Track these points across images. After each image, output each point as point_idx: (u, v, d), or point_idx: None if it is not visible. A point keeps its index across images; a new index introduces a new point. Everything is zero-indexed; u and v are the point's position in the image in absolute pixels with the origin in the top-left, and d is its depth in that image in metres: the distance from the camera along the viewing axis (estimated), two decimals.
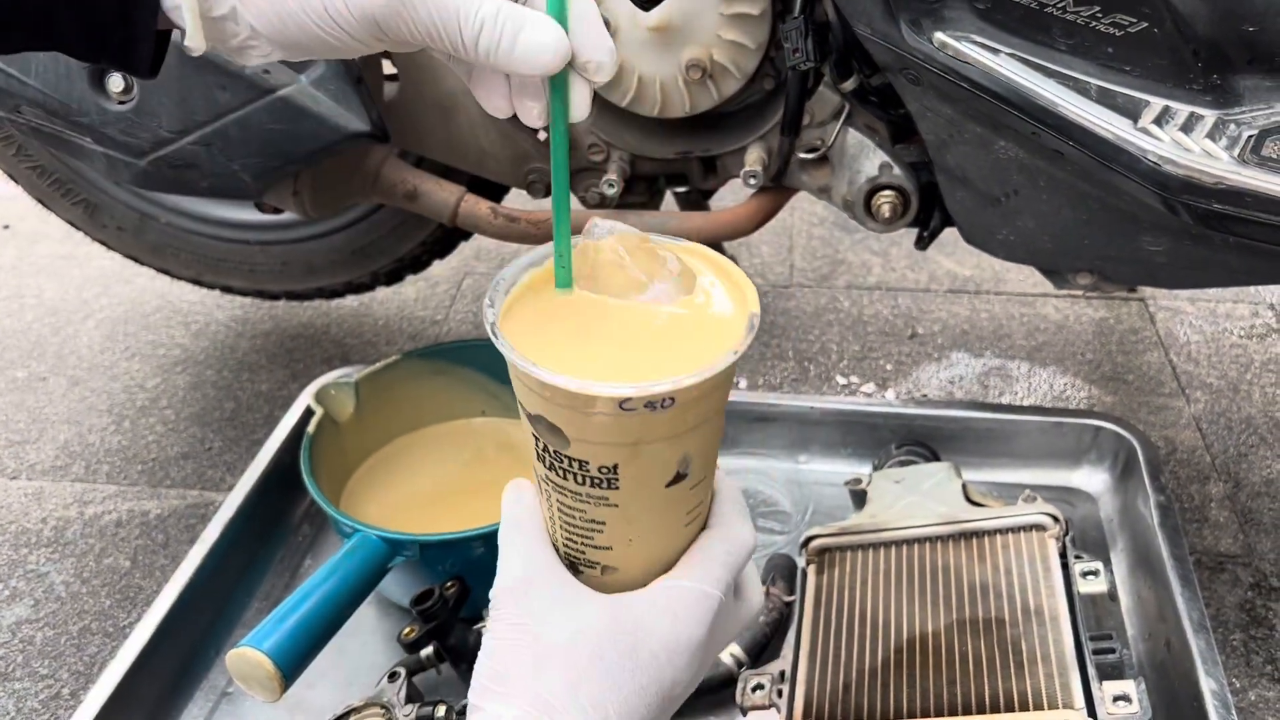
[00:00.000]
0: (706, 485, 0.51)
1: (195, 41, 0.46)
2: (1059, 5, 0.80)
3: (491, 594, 0.50)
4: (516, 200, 1.23)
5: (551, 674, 0.46)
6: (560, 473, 0.47)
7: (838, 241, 1.69)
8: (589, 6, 0.45)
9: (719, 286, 0.49)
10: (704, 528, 0.52)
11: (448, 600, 0.88)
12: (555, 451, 0.47)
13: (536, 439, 0.47)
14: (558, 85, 0.45)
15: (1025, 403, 1.31)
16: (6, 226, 1.83)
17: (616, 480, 0.47)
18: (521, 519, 0.51)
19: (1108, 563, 1.02)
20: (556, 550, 0.51)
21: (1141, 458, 1.05)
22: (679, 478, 0.48)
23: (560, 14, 0.44)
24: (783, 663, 0.86)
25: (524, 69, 0.44)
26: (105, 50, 0.47)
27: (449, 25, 0.43)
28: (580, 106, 0.46)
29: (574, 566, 0.51)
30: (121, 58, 0.47)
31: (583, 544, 0.50)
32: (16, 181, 1.33)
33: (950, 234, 1.04)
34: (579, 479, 0.47)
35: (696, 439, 0.47)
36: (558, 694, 0.45)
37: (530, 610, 0.48)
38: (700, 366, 0.43)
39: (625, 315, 0.47)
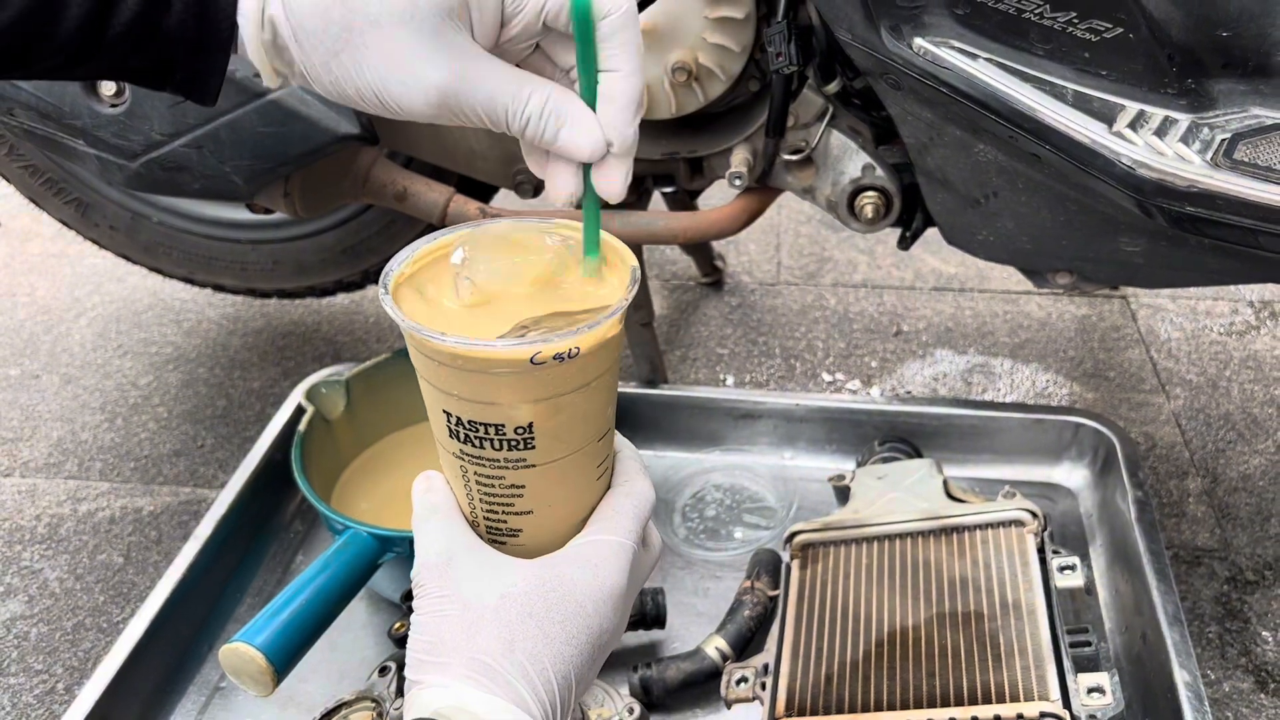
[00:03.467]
0: (610, 439, 0.53)
1: (270, 83, 0.50)
2: (1036, 11, 0.81)
3: (413, 574, 0.51)
4: (505, 200, 1.24)
5: (484, 636, 0.48)
6: (476, 442, 0.49)
7: (824, 240, 1.70)
8: (618, 86, 0.48)
9: (600, 252, 0.52)
10: (609, 486, 0.55)
11: None
12: (470, 422, 0.48)
13: (448, 415, 0.49)
14: (589, 169, 0.49)
15: (1008, 399, 1.33)
16: None
17: (533, 440, 0.49)
18: (436, 504, 0.53)
19: (1086, 557, 1.04)
20: (477, 528, 0.53)
21: (1120, 454, 1.06)
22: (589, 430, 0.50)
23: (591, 95, 0.48)
24: (766, 656, 0.88)
25: (565, 157, 0.49)
26: (171, 81, 0.51)
27: (498, 120, 0.48)
28: (608, 185, 0.50)
29: (495, 541, 0.53)
30: (188, 90, 0.51)
31: (504, 513, 0.52)
32: (9, 181, 1.34)
33: (935, 232, 1.06)
34: (495, 444, 0.49)
35: (601, 389, 0.50)
36: (493, 654, 0.47)
37: (455, 580, 0.50)
38: (597, 316, 0.47)
39: (511, 289, 0.50)
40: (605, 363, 0.49)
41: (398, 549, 0.91)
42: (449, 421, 0.49)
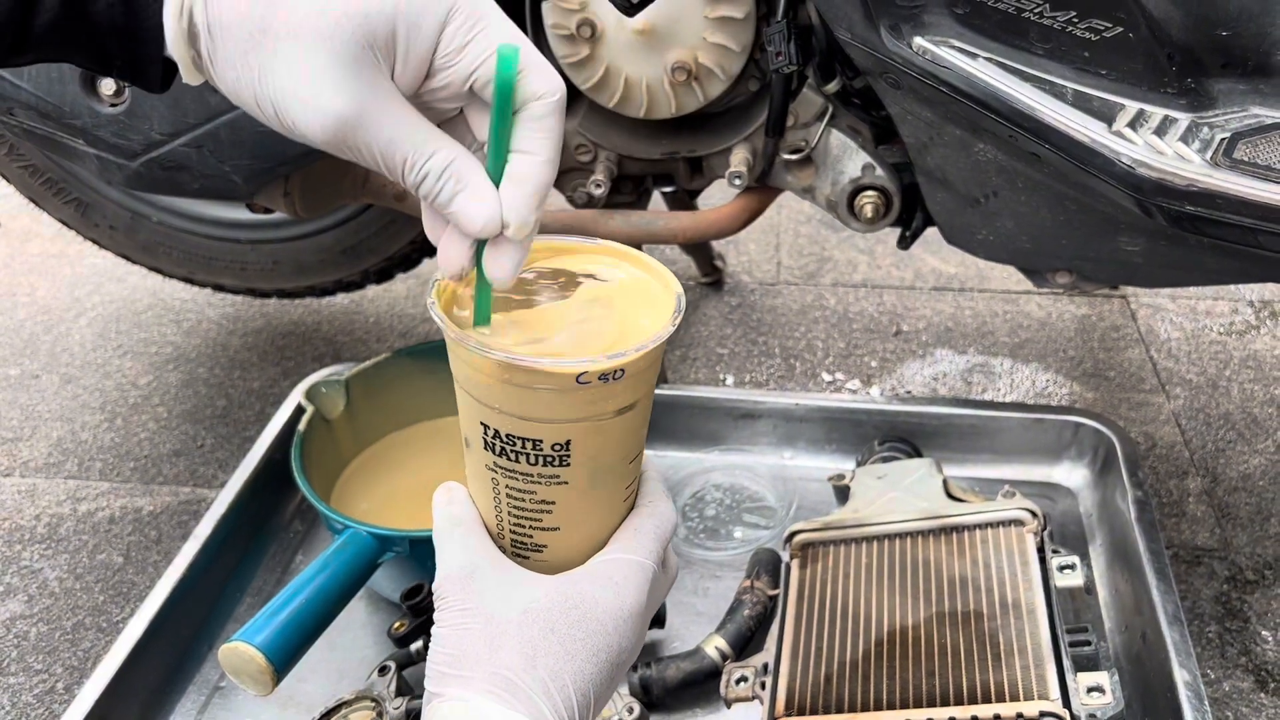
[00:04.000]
0: (640, 461, 0.54)
1: (189, 79, 0.48)
2: (1036, 10, 0.81)
3: (435, 585, 0.51)
4: None
5: (507, 650, 0.47)
6: (512, 456, 0.49)
7: (824, 239, 1.71)
8: (529, 169, 0.46)
9: (644, 277, 0.52)
10: (633, 506, 0.55)
11: None
12: (507, 435, 0.48)
13: (485, 426, 0.49)
14: (483, 246, 0.47)
15: (1008, 399, 1.33)
16: None
17: (569, 457, 0.49)
18: (459, 515, 0.53)
19: (1086, 557, 1.04)
20: (501, 541, 0.53)
21: (1120, 453, 1.06)
22: (623, 450, 0.51)
23: (497, 171, 0.46)
24: (766, 655, 0.88)
25: (458, 225, 0.46)
26: (114, 70, 0.49)
27: (394, 168, 0.46)
28: (497, 269, 0.47)
29: (519, 555, 0.53)
30: (131, 77, 0.50)
31: (531, 527, 0.52)
32: (8, 181, 1.34)
33: (935, 232, 1.06)
34: (531, 459, 0.49)
35: (639, 412, 0.50)
36: (516, 669, 0.47)
37: (478, 593, 0.49)
38: (644, 339, 0.47)
39: (564, 306, 0.50)
40: (645, 386, 0.50)
41: (397, 548, 0.91)
42: (485, 434, 0.49)
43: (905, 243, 1.09)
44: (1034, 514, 0.93)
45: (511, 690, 0.47)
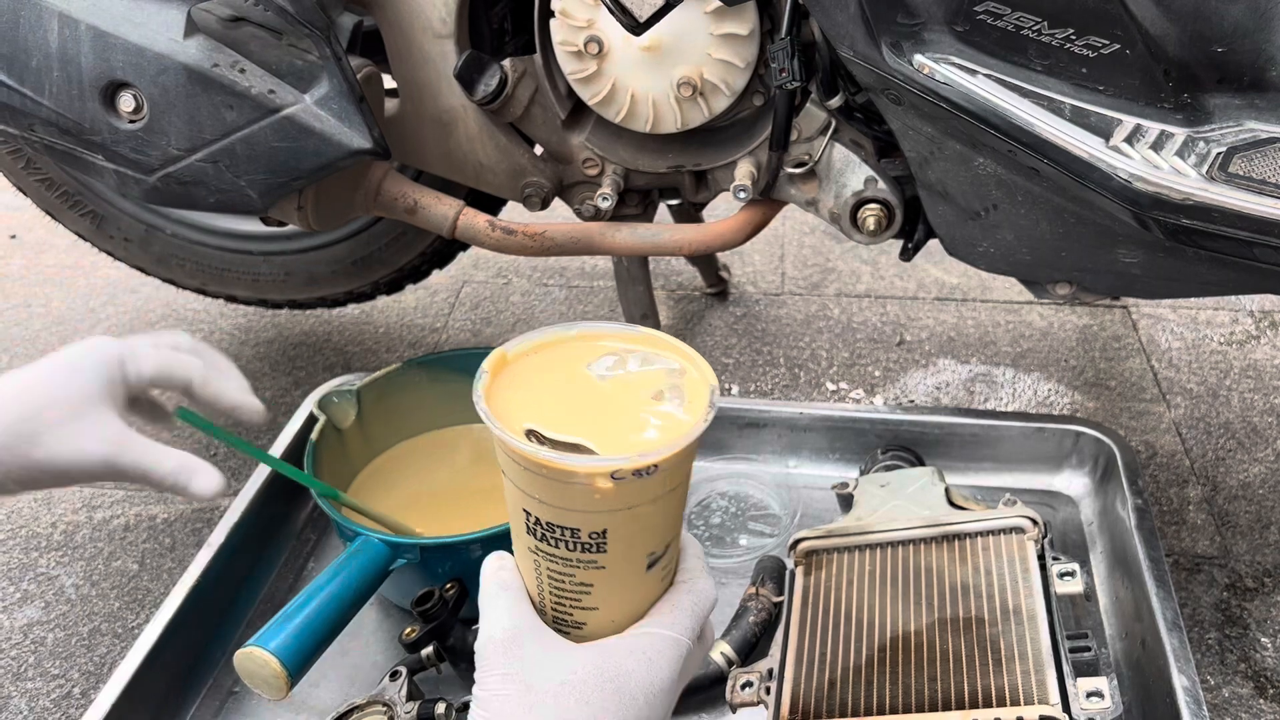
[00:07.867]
0: (676, 544, 0.56)
1: None
2: (1035, 28, 0.83)
3: (478, 647, 0.53)
4: (513, 213, 1.26)
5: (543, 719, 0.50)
6: (552, 542, 0.52)
7: (828, 250, 1.72)
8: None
9: (680, 366, 0.54)
10: (671, 582, 0.57)
11: (447, 602, 0.91)
12: (547, 523, 0.51)
13: (527, 514, 0.52)
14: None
15: (1010, 408, 1.34)
16: (14, 236, 1.86)
17: (605, 544, 0.51)
18: (506, 580, 0.56)
19: (1086, 564, 1.05)
20: (544, 614, 0.55)
21: (1120, 462, 1.07)
22: (659, 536, 0.53)
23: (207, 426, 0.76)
24: (771, 661, 0.89)
25: (201, 499, 0.78)
26: None
27: (149, 481, 0.74)
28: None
29: (559, 629, 0.55)
30: None
31: (571, 606, 0.54)
32: (25, 194, 1.36)
33: (938, 243, 1.07)
34: (570, 545, 0.51)
35: (673, 501, 0.52)
36: None
37: (519, 660, 0.52)
38: (677, 436, 0.49)
39: (602, 392, 0.52)
40: (679, 477, 0.52)
41: (408, 555, 0.92)
42: (528, 520, 0.52)
43: (908, 254, 1.10)
44: (1035, 522, 0.94)
45: None
